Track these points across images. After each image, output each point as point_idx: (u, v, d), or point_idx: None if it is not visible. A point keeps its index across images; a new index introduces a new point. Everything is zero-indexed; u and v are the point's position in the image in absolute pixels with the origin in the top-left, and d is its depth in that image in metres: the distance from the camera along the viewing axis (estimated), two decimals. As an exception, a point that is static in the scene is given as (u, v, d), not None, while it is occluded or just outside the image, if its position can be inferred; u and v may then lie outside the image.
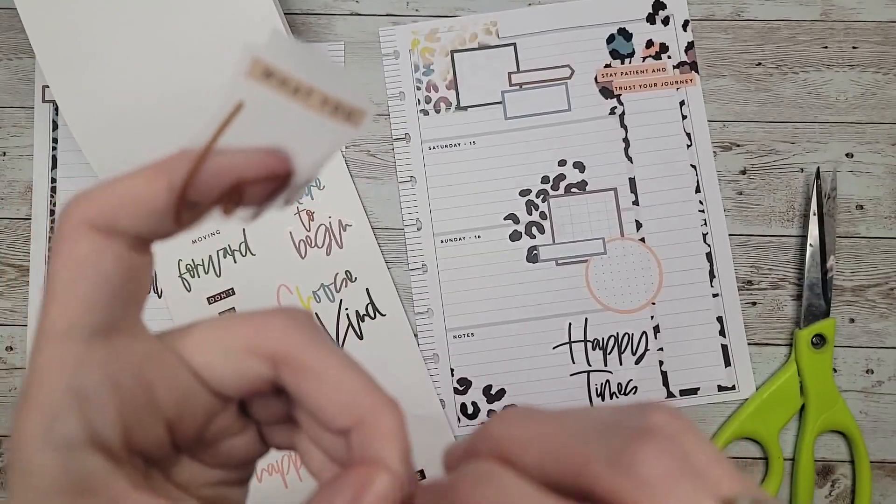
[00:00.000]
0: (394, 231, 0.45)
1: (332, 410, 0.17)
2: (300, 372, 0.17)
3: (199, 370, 0.17)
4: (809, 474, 0.42)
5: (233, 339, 0.17)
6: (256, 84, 0.15)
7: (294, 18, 0.47)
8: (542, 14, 0.46)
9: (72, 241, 0.15)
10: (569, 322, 0.44)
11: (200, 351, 0.17)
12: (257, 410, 0.19)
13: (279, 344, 0.17)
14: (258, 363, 0.17)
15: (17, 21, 0.41)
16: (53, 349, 0.15)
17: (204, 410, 0.17)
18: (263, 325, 0.17)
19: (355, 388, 0.17)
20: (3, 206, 0.45)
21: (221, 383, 0.17)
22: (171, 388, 0.16)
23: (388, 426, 0.17)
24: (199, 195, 0.16)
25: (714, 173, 0.45)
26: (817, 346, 0.42)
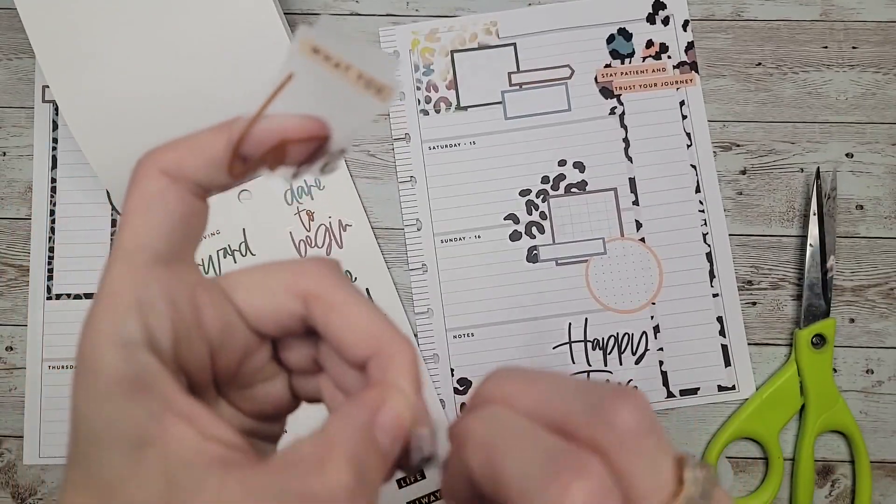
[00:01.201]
0: (394, 231, 0.45)
1: (354, 341, 0.19)
2: (328, 308, 0.19)
3: (241, 305, 0.19)
4: (809, 474, 0.42)
5: (271, 279, 0.20)
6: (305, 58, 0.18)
7: (294, 18, 0.47)
8: (542, 14, 0.46)
9: (145, 181, 0.18)
10: (569, 322, 0.44)
11: (243, 288, 0.20)
12: (288, 356, 0.21)
13: (311, 283, 0.19)
14: (292, 300, 0.19)
15: (17, 21, 0.41)
16: (123, 266, 0.18)
17: (242, 343, 0.20)
18: (298, 268, 0.20)
19: (375, 323, 0.19)
20: (3, 205, 0.45)
21: (259, 318, 0.20)
22: (216, 315, 0.19)
23: (403, 357, 0.19)
24: (250, 149, 0.19)
25: (714, 173, 0.45)
26: (817, 346, 0.42)
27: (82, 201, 0.45)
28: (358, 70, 0.18)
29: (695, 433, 0.43)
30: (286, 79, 0.18)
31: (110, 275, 0.18)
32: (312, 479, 0.16)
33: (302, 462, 0.16)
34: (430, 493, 0.42)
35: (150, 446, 0.16)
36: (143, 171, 0.18)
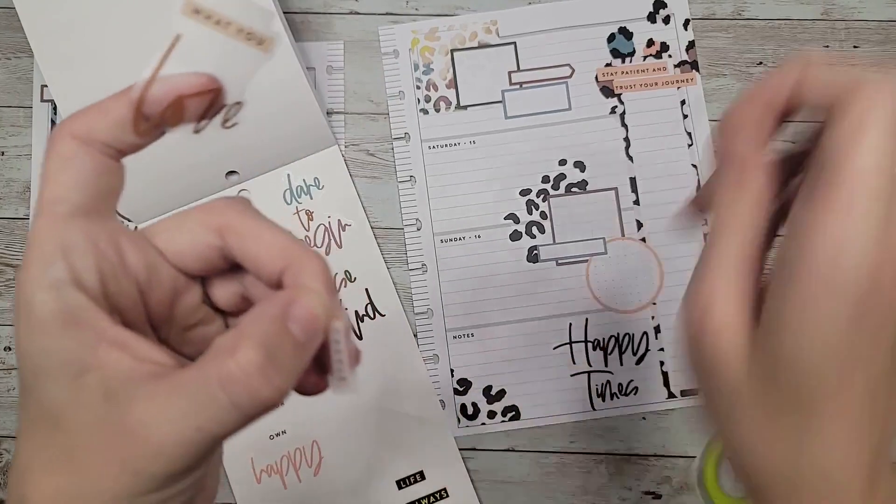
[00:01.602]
0: (393, 231, 0.45)
1: (267, 259, 0.21)
2: (240, 235, 0.21)
3: (162, 246, 0.21)
4: None
5: (186, 219, 0.22)
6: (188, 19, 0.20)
7: (294, 18, 0.46)
8: (543, 13, 0.46)
9: (59, 145, 0.20)
10: (569, 322, 0.44)
11: (163, 231, 0.22)
12: (219, 296, 0.23)
13: (222, 217, 0.21)
14: (207, 234, 0.21)
15: (16, 20, 0.40)
16: (45, 217, 0.19)
17: (170, 283, 0.22)
18: (210, 206, 0.22)
19: (284, 240, 0.21)
20: (2, 205, 0.45)
21: (180, 255, 0.22)
22: (139, 256, 0.21)
23: (313, 265, 0.21)
24: (151, 108, 0.20)
25: (715, 173, 0.45)
26: None
27: (81, 201, 0.45)
28: (238, 24, 0.20)
29: (696, 434, 0.43)
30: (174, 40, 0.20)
31: (35, 227, 0.19)
32: (226, 362, 0.18)
33: (218, 352, 0.19)
34: (431, 493, 0.42)
35: (87, 372, 0.18)
36: (57, 138, 0.20)
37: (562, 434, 0.43)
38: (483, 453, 0.43)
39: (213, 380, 0.18)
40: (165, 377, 0.18)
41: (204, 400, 0.18)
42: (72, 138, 0.20)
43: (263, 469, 0.42)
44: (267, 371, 0.18)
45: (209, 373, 0.18)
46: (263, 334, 0.19)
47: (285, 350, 0.19)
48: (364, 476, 0.42)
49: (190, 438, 0.18)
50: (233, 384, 0.18)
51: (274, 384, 0.19)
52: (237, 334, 0.19)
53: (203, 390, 0.18)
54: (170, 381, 0.18)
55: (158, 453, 0.18)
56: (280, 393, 0.19)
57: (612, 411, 0.43)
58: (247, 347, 0.18)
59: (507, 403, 0.43)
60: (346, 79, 0.46)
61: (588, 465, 0.43)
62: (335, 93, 0.46)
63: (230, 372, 0.18)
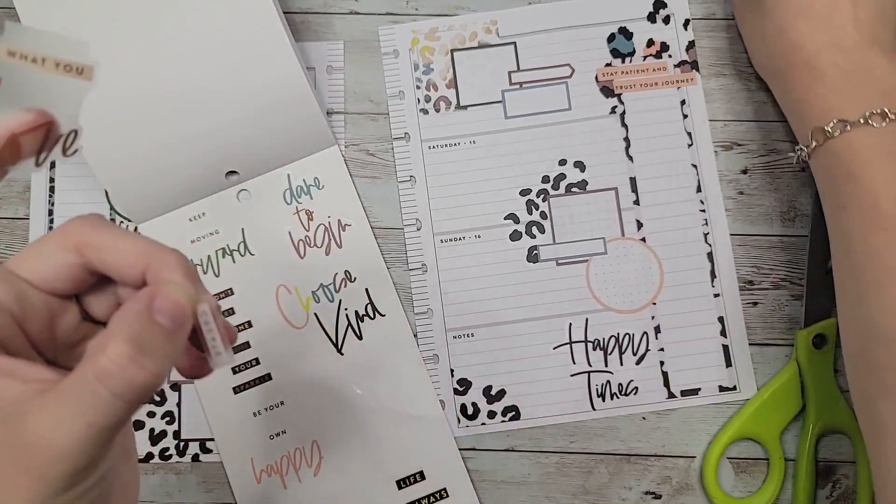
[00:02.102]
0: (393, 231, 0.45)
1: (127, 264, 0.22)
2: (98, 248, 0.23)
3: (28, 276, 0.23)
4: (810, 475, 0.42)
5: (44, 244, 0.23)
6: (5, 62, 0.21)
7: (293, 17, 0.46)
8: (543, 13, 0.46)
9: None
10: (569, 322, 0.44)
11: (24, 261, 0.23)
12: (95, 309, 0.25)
13: (78, 234, 0.23)
14: (67, 253, 0.23)
15: (16, 20, 0.40)
16: None
17: (45, 308, 0.23)
18: (64, 227, 0.23)
19: (140, 245, 0.23)
20: (2, 205, 0.45)
21: (47, 279, 0.23)
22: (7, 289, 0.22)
23: (170, 259, 0.22)
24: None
25: (715, 173, 0.45)
26: (819, 346, 0.42)
27: (81, 201, 0.45)
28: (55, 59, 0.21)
29: (696, 434, 0.43)
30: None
31: None
32: (99, 358, 0.20)
33: (91, 353, 0.20)
34: (431, 493, 0.42)
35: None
36: None
37: (562, 434, 0.43)
38: (483, 453, 0.43)
39: (90, 378, 0.19)
40: (51, 389, 0.20)
41: (87, 397, 0.19)
42: None
43: (263, 469, 0.42)
44: (138, 359, 0.20)
45: (86, 373, 0.20)
46: (130, 328, 0.20)
47: (154, 338, 0.21)
48: (364, 476, 0.42)
49: (84, 435, 0.19)
50: (109, 377, 0.20)
51: (148, 369, 0.20)
52: (106, 333, 0.20)
53: (84, 390, 0.19)
54: (55, 390, 0.20)
55: (60, 456, 0.19)
56: (155, 376, 0.20)
57: (612, 411, 0.43)
58: (115, 342, 0.20)
59: (507, 403, 0.43)
60: (346, 79, 0.46)
61: (588, 465, 0.43)
62: (335, 93, 0.46)
63: (104, 367, 0.20)
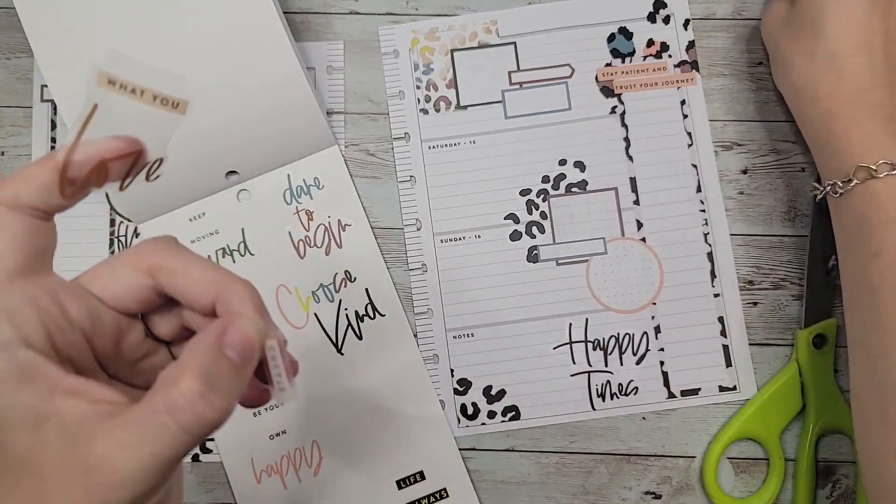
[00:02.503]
0: (393, 231, 0.45)
1: (198, 292, 0.23)
2: (170, 272, 0.23)
3: (99, 293, 0.23)
4: (810, 475, 0.42)
5: (118, 264, 0.23)
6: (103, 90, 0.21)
7: (293, 17, 0.46)
8: (543, 13, 0.46)
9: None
10: (569, 322, 0.44)
11: (98, 278, 0.23)
12: (160, 328, 0.25)
13: (151, 258, 0.23)
14: (139, 275, 0.23)
15: (16, 20, 0.40)
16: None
17: (113, 325, 0.23)
18: (138, 248, 0.24)
19: (212, 273, 0.23)
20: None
21: (117, 298, 0.23)
22: (80, 306, 0.22)
23: (242, 292, 0.23)
24: (76, 172, 0.22)
25: (715, 173, 0.45)
26: (819, 346, 0.42)
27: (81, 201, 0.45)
28: (152, 92, 0.22)
29: (696, 434, 0.43)
30: (91, 110, 0.21)
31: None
32: (170, 392, 0.20)
33: (162, 385, 0.20)
34: (431, 493, 0.42)
35: (46, 420, 0.20)
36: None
37: (562, 434, 0.43)
38: (483, 453, 0.43)
39: (161, 410, 0.20)
40: (119, 414, 0.20)
41: (156, 429, 0.20)
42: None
43: (263, 469, 0.42)
44: (207, 395, 0.20)
45: (157, 404, 0.20)
46: (201, 363, 0.21)
47: (223, 373, 0.21)
48: (364, 476, 0.42)
49: (148, 464, 0.20)
50: (179, 411, 0.20)
51: (216, 406, 0.20)
52: (178, 366, 0.21)
53: (154, 420, 0.20)
54: (124, 417, 0.20)
55: (122, 481, 0.20)
56: (223, 412, 0.21)
57: (612, 411, 0.43)
58: (187, 377, 0.20)
59: (507, 403, 0.43)
60: (346, 79, 0.46)
61: (588, 465, 0.43)
62: (335, 93, 0.46)
63: (175, 401, 0.20)
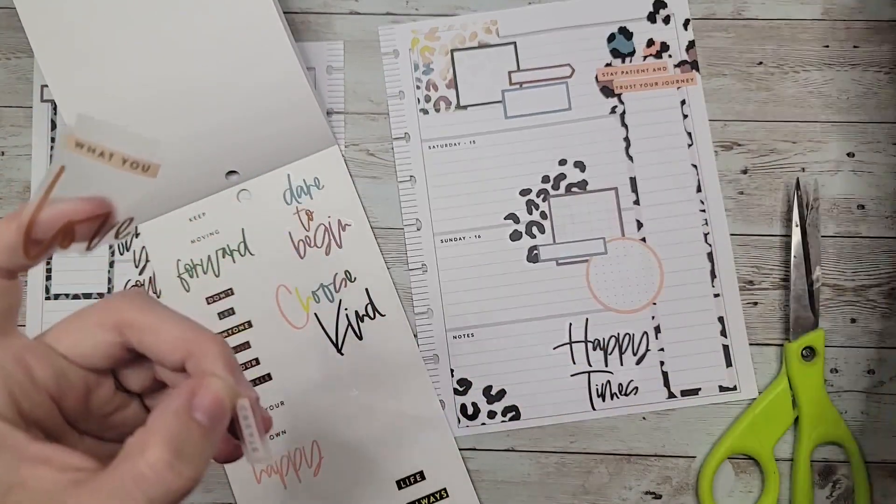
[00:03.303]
0: (393, 231, 0.45)
1: (168, 350, 0.22)
2: (139, 330, 0.22)
3: (66, 351, 0.22)
4: (806, 488, 0.41)
5: (84, 321, 0.23)
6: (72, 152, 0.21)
7: (293, 18, 0.46)
8: (543, 13, 0.46)
9: None
10: (569, 322, 0.44)
11: (64, 336, 0.23)
12: (131, 382, 0.25)
13: (118, 314, 0.22)
14: (107, 332, 0.22)
15: (16, 20, 0.40)
16: None
17: (81, 383, 0.23)
18: (106, 304, 0.23)
19: (182, 330, 0.22)
20: (2, 205, 0.45)
21: (85, 356, 0.23)
22: (46, 367, 0.22)
23: (213, 350, 0.22)
24: (41, 233, 0.21)
25: (715, 173, 0.45)
26: (807, 358, 0.42)
27: (81, 201, 0.45)
28: (122, 155, 0.21)
29: (696, 434, 0.43)
30: (59, 171, 0.21)
31: None
32: (137, 462, 0.19)
33: (129, 453, 0.20)
34: (431, 493, 0.42)
35: (12, 490, 0.19)
36: None
37: (562, 434, 0.43)
38: (483, 453, 0.43)
39: (128, 481, 0.19)
40: (87, 483, 0.20)
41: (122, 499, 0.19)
42: None
43: (263, 469, 0.42)
44: (175, 465, 0.20)
45: (124, 474, 0.19)
46: (169, 429, 0.20)
47: (192, 440, 0.20)
48: (364, 476, 0.42)
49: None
50: (145, 483, 0.19)
51: (184, 475, 0.20)
52: (145, 432, 0.20)
53: (120, 491, 0.19)
54: (90, 487, 0.19)
55: None
56: (191, 481, 0.20)
57: (612, 411, 0.43)
58: (154, 445, 0.19)
59: (507, 403, 0.43)
60: (346, 79, 0.46)
61: (588, 465, 0.43)
62: (335, 93, 0.46)
63: (141, 472, 0.19)
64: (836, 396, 0.43)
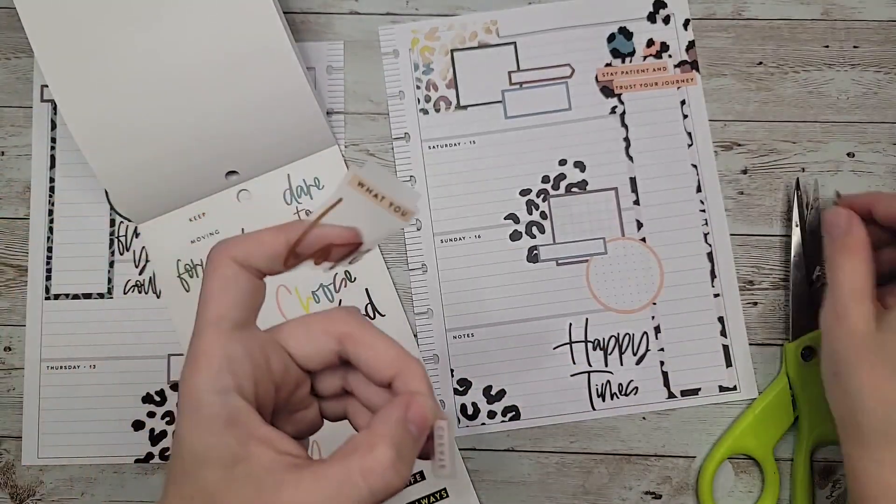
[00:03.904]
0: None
1: (381, 366, 0.25)
2: (358, 343, 0.26)
3: (292, 351, 0.26)
4: (806, 488, 0.41)
5: (312, 327, 0.26)
6: (352, 189, 0.25)
7: (293, 18, 0.47)
8: (543, 13, 0.46)
9: (222, 267, 0.24)
10: (569, 322, 0.44)
11: (292, 337, 0.26)
12: (322, 387, 0.28)
13: (343, 326, 0.26)
14: (329, 340, 0.26)
15: (16, 20, 0.40)
16: (212, 331, 0.24)
17: (295, 379, 0.26)
18: (331, 315, 0.26)
19: (395, 351, 0.26)
20: (2, 205, 0.45)
21: (307, 357, 0.26)
22: (279, 361, 0.25)
23: (419, 372, 0.26)
24: (303, 249, 0.25)
25: (715, 173, 0.45)
26: (807, 358, 0.42)
27: (81, 201, 0.45)
28: (390, 200, 0.25)
29: (696, 434, 0.43)
30: (336, 202, 0.25)
31: (203, 338, 0.23)
32: (367, 457, 0.22)
33: (357, 449, 0.23)
34: (431, 493, 0.42)
35: (239, 463, 0.22)
36: (219, 259, 0.24)
37: (562, 434, 0.43)
38: (483, 453, 0.43)
39: (355, 471, 0.22)
40: (306, 467, 0.23)
41: (346, 488, 0.22)
42: (233, 262, 0.24)
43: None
44: (396, 465, 0.23)
45: (352, 466, 0.22)
46: (394, 434, 0.23)
47: (408, 445, 0.24)
48: (364, 476, 0.42)
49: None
50: (372, 476, 0.22)
51: (402, 474, 0.23)
52: (372, 434, 0.23)
53: (346, 479, 0.22)
54: (313, 471, 0.22)
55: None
56: (404, 480, 0.23)
57: (612, 411, 0.43)
58: (383, 446, 0.23)
59: (507, 403, 0.43)
60: (346, 79, 0.46)
61: (588, 465, 0.43)
62: (335, 93, 0.46)
63: (371, 466, 0.22)
64: (835, 396, 0.43)
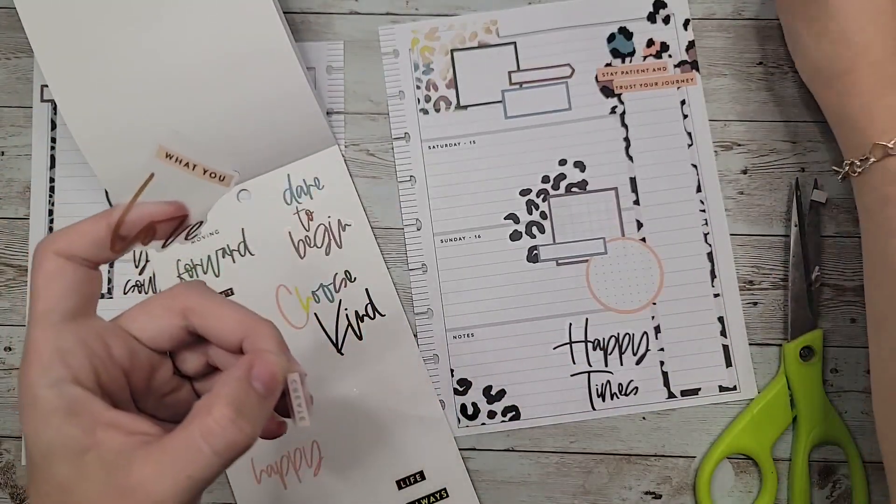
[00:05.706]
0: (393, 231, 0.45)
1: (228, 331, 0.26)
2: (201, 315, 0.26)
3: (137, 333, 0.26)
4: (804, 488, 0.41)
5: (153, 306, 0.26)
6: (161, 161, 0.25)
7: (293, 17, 0.46)
8: (543, 13, 0.46)
9: (44, 262, 0.24)
10: (569, 322, 0.44)
11: (134, 320, 0.26)
12: (186, 365, 0.28)
13: (184, 300, 0.26)
14: (173, 317, 0.26)
15: (16, 20, 0.40)
16: (39, 326, 0.24)
17: (147, 362, 0.26)
18: (172, 292, 0.27)
19: (240, 315, 0.26)
20: (2, 205, 0.45)
21: (153, 338, 0.26)
22: (121, 346, 0.25)
23: (267, 331, 0.26)
24: (127, 231, 0.25)
25: (715, 173, 0.45)
26: (806, 358, 0.42)
27: (81, 201, 0.45)
28: (202, 166, 0.25)
29: (696, 434, 0.43)
30: (148, 178, 0.25)
31: (32, 335, 0.24)
32: (206, 419, 0.23)
33: (197, 413, 0.23)
34: (431, 493, 0.42)
35: (88, 451, 0.22)
36: (42, 255, 0.24)
37: (562, 434, 0.43)
38: (483, 453, 0.43)
39: (196, 435, 0.22)
40: (155, 443, 0.23)
41: (191, 453, 0.22)
42: (55, 255, 0.24)
43: (263, 469, 0.42)
44: (237, 421, 0.23)
45: (192, 430, 0.22)
46: (232, 393, 0.23)
47: (251, 403, 0.24)
48: (364, 476, 0.42)
49: (183, 486, 0.22)
50: (212, 436, 0.22)
51: (245, 431, 0.23)
52: (212, 396, 0.23)
53: (189, 445, 0.22)
54: (160, 445, 0.22)
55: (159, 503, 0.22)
56: (250, 437, 0.23)
57: (612, 411, 0.43)
58: (220, 405, 0.23)
59: (507, 403, 0.43)
60: (345, 79, 0.46)
61: (588, 465, 0.43)
62: (335, 93, 0.46)
63: (209, 426, 0.22)
64: (835, 396, 0.43)
